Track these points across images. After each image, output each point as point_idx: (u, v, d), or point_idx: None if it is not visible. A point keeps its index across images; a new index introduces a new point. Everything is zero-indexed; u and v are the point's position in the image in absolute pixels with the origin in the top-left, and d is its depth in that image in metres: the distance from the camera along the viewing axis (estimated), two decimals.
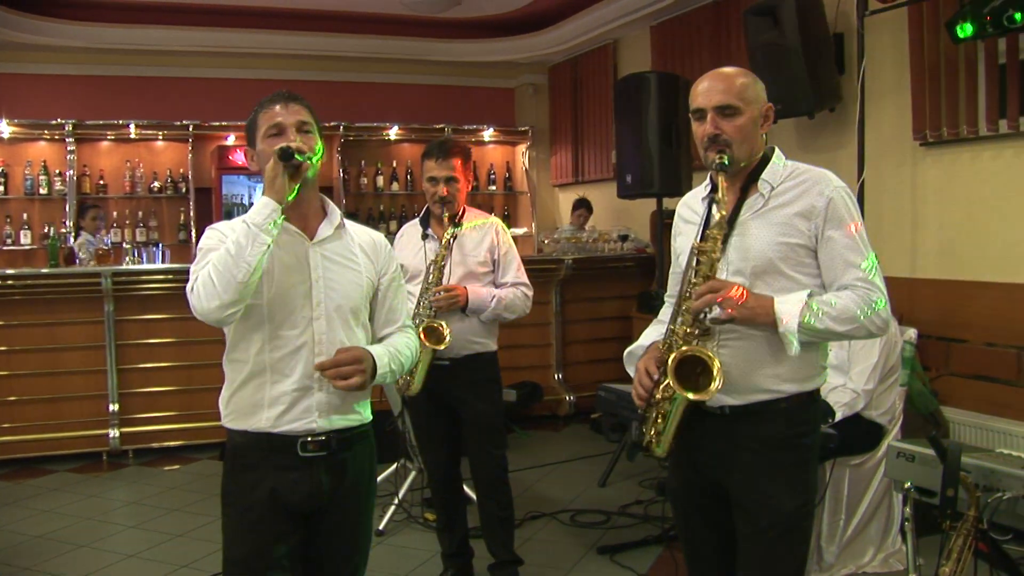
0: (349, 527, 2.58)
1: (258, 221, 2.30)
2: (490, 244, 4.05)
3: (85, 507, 5.49)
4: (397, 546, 4.80)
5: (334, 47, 9.50)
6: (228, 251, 2.29)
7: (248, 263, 2.27)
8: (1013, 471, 3.02)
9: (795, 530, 2.56)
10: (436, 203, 3.95)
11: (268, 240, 2.30)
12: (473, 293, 3.90)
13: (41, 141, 8.94)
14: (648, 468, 5.82)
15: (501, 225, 4.15)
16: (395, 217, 10.07)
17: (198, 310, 2.34)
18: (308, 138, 2.45)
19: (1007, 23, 4.31)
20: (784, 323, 2.41)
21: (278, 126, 2.45)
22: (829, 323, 2.42)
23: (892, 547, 4.25)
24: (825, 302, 2.44)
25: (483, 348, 4.04)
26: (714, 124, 2.53)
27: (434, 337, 3.78)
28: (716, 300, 2.43)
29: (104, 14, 8.55)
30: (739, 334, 2.52)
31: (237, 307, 2.33)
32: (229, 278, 2.28)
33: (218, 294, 2.29)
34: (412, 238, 4.13)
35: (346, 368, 2.39)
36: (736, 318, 2.44)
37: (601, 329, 7.74)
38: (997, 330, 4.88)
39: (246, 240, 2.29)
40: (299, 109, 2.47)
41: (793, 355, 2.44)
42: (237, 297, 2.30)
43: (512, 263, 4.09)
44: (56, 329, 6.44)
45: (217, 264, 2.30)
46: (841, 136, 5.90)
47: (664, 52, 8.03)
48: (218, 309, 2.31)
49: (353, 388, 2.40)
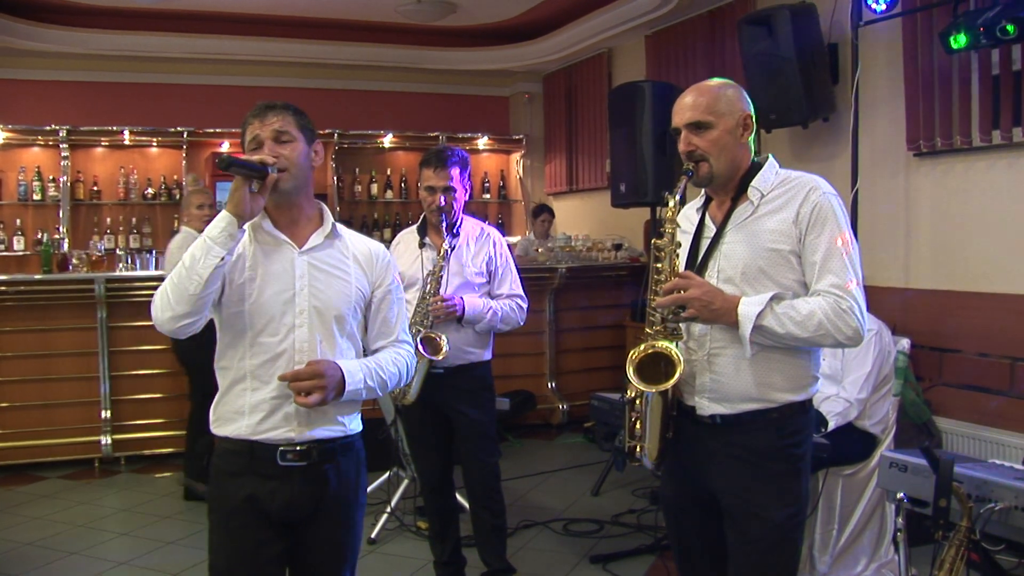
0: (335, 538, 2.56)
1: (213, 234, 2.31)
2: (487, 255, 4.05)
3: (77, 514, 5.46)
4: (390, 555, 4.79)
5: (329, 55, 9.50)
6: (183, 264, 2.31)
7: (199, 275, 2.28)
8: (1005, 481, 3.03)
9: (786, 540, 2.56)
10: (433, 212, 3.95)
11: (221, 252, 2.30)
12: (469, 304, 3.90)
13: (35, 147, 8.93)
14: (641, 477, 5.82)
15: (497, 236, 4.15)
16: (389, 225, 10.06)
17: (155, 321, 2.36)
18: (282, 148, 2.43)
19: (1000, 34, 4.32)
20: (741, 325, 2.44)
21: (255, 140, 2.45)
22: (791, 328, 2.43)
23: (885, 557, 4.25)
24: (790, 306, 2.45)
25: (476, 358, 4.04)
26: (686, 141, 2.59)
27: (431, 347, 3.79)
28: (681, 300, 2.45)
29: (99, 21, 8.54)
30: (728, 343, 2.54)
31: (191, 319, 2.33)
32: (182, 290, 2.29)
33: (171, 305, 2.31)
34: (409, 246, 4.13)
35: (305, 383, 2.35)
36: (699, 317, 2.48)
37: (595, 338, 7.74)
38: (990, 340, 4.89)
39: (200, 252, 2.30)
40: (275, 119, 2.45)
41: (747, 357, 2.47)
42: (190, 309, 2.30)
43: (508, 275, 4.10)
44: (49, 335, 6.43)
45: (173, 277, 2.32)
46: (835, 146, 5.91)
47: (659, 61, 8.04)
48: (170, 320, 2.32)
49: (311, 406, 2.36)
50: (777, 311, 2.44)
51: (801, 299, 2.48)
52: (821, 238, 2.49)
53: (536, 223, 9.12)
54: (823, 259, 2.48)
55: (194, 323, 2.35)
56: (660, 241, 2.59)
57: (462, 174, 3.98)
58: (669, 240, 2.57)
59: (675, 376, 2.46)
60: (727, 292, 2.51)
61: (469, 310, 3.89)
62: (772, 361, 2.51)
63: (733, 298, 2.48)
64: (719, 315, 2.47)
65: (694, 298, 2.45)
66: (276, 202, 2.48)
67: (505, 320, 4.02)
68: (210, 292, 2.32)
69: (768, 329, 2.44)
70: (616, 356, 7.58)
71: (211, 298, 2.34)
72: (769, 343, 2.47)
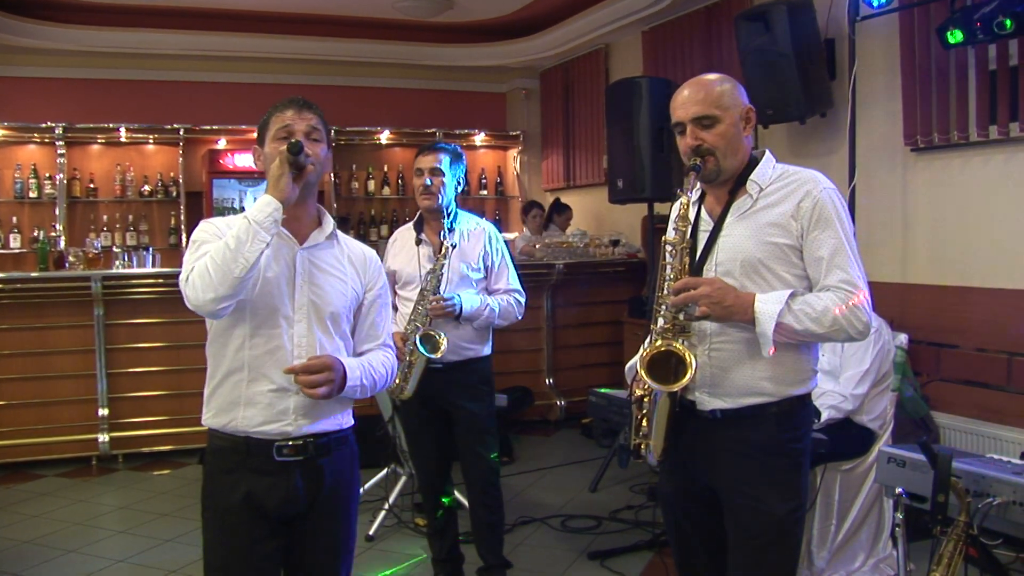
0: (330, 533, 2.56)
1: (259, 218, 2.32)
2: (482, 250, 4.05)
3: (74, 512, 5.46)
4: (387, 551, 4.79)
5: (325, 51, 9.48)
6: (227, 245, 2.30)
7: (246, 259, 2.29)
8: (1003, 476, 3.03)
9: (786, 535, 2.56)
10: (420, 194, 3.96)
11: (268, 238, 2.32)
12: (467, 303, 3.90)
13: (31, 144, 8.90)
14: (639, 473, 5.82)
15: (493, 231, 4.15)
16: (386, 221, 10.05)
17: (192, 301, 2.35)
18: (315, 146, 2.49)
19: (997, 29, 4.32)
20: (761, 323, 2.43)
21: (287, 130, 2.48)
22: (809, 324, 2.43)
23: (883, 552, 4.25)
24: (806, 303, 2.45)
25: (475, 353, 4.05)
26: (694, 136, 2.56)
27: (430, 345, 3.79)
28: (693, 298, 2.44)
29: (95, 17, 8.52)
30: (729, 338, 2.53)
31: (231, 301, 2.34)
32: (226, 271, 2.29)
33: (214, 286, 2.30)
34: (406, 243, 4.13)
35: (316, 376, 2.37)
36: (711, 316, 2.46)
37: (592, 334, 7.75)
38: (988, 335, 4.89)
39: (246, 236, 2.30)
40: (311, 117, 2.53)
41: (766, 356, 2.46)
42: (232, 291, 2.31)
43: (505, 270, 4.10)
44: (46, 333, 6.42)
45: (215, 257, 2.31)
46: (832, 141, 5.90)
47: (655, 57, 8.03)
48: (212, 302, 2.31)
49: (319, 398, 2.38)
50: (794, 308, 2.44)
51: (812, 295, 2.48)
52: (826, 233, 2.48)
53: (528, 219, 9.09)
54: (830, 255, 2.48)
55: (232, 305, 2.36)
56: (672, 238, 2.57)
57: (453, 164, 3.99)
58: (681, 238, 2.56)
59: (686, 376, 2.44)
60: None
61: (467, 308, 3.89)
62: (772, 355, 2.50)
63: (746, 295, 2.47)
64: (731, 312, 2.45)
65: (705, 295, 2.44)
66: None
67: (503, 315, 4.02)
68: (252, 276, 2.33)
69: (787, 326, 2.43)
70: (614, 352, 7.58)
71: (250, 281, 2.35)
72: (785, 340, 2.47)
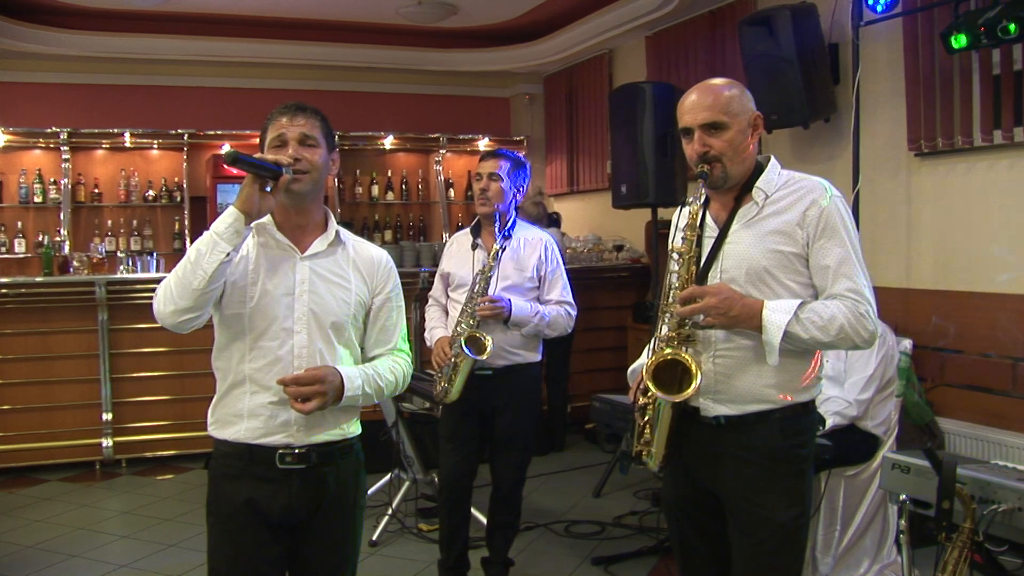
0: (334, 541, 2.56)
1: (219, 229, 2.30)
2: (538, 260, 4.04)
3: (78, 517, 5.46)
4: (391, 557, 4.78)
5: (329, 56, 9.48)
6: (188, 258, 2.30)
7: (204, 270, 2.27)
8: (1008, 483, 3.01)
9: (790, 541, 2.55)
10: (477, 199, 4.01)
11: (227, 248, 2.29)
12: (517, 306, 3.89)
13: (36, 149, 8.89)
14: (643, 479, 5.81)
15: (551, 242, 4.14)
16: (390, 227, 10.04)
17: (156, 314, 2.36)
18: (309, 151, 2.45)
19: (1001, 34, 4.32)
20: (768, 333, 2.42)
21: (280, 138, 2.46)
22: (815, 332, 2.43)
23: (887, 558, 4.24)
24: (813, 311, 2.44)
25: (524, 360, 4.04)
26: (702, 142, 2.54)
27: (475, 346, 3.78)
28: (699, 310, 2.43)
29: (99, 23, 8.53)
30: (734, 344, 2.53)
31: (193, 314, 2.32)
32: (186, 284, 2.28)
33: (174, 299, 2.30)
34: (462, 247, 4.14)
35: (304, 389, 2.35)
36: (717, 325, 2.46)
37: (596, 339, 7.73)
38: (992, 341, 4.88)
39: (206, 247, 2.29)
40: (304, 122, 2.48)
41: (772, 364, 2.45)
42: (192, 304, 2.29)
43: (559, 281, 4.09)
44: (50, 338, 6.43)
45: (178, 270, 2.31)
46: (836, 146, 5.90)
47: (659, 62, 8.03)
48: (173, 314, 2.31)
49: (308, 411, 2.36)
50: (801, 317, 2.43)
51: (819, 303, 2.47)
52: (832, 242, 2.48)
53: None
54: (837, 264, 2.47)
55: (196, 318, 2.35)
56: (679, 247, 2.56)
57: (514, 172, 4.01)
58: (688, 247, 2.54)
59: (692, 387, 2.43)
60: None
61: (516, 311, 3.88)
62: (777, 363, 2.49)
63: (754, 303, 2.45)
64: (738, 321, 2.45)
65: (712, 307, 2.42)
66: (288, 204, 2.49)
67: (552, 325, 4.00)
68: (214, 288, 2.31)
69: (794, 335, 2.42)
70: (618, 357, 7.58)
71: (215, 294, 2.34)
72: (791, 348, 2.46)
